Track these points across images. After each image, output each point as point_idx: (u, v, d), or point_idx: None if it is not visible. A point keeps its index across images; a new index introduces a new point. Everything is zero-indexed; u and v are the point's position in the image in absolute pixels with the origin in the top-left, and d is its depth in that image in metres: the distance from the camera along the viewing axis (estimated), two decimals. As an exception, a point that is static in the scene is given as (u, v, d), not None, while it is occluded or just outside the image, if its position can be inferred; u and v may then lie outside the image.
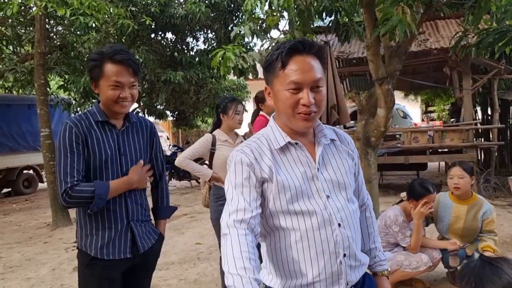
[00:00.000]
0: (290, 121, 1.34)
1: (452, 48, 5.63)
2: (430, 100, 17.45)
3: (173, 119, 11.98)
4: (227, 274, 1.16)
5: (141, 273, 2.10)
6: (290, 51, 1.30)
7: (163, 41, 8.98)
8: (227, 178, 1.35)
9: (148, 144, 2.09)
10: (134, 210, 1.99)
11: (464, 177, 3.42)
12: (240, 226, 1.23)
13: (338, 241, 1.34)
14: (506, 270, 1.31)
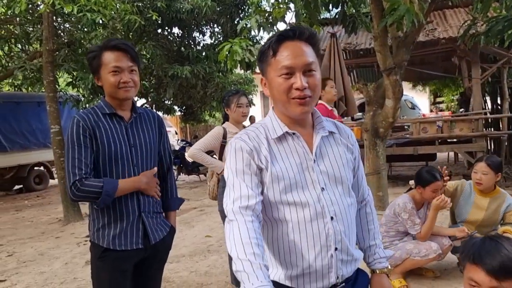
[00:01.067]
0: (286, 108, 1.33)
1: (460, 37, 5.60)
2: (439, 91, 17.31)
3: (181, 114, 12.03)
4: (235, 260, 1.16)
5: (152, 265, 2.12)
6: (281, 38, 1.31)
7: (170, 36, 9.00)
8: (227, 166, 1.34)
9: (157, 135, 2.11)
10: (146, 202, 2.01)
11: (487, 174, 3.41)
12: (246, 212, 1.23)
13: (330, 235, 1.33)
14: (506, 246, 1.34)
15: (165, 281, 3.94)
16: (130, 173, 1.96)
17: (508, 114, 8.87)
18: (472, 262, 1.37)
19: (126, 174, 1.95)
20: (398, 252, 3.39)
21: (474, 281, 1.36)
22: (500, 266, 1.30)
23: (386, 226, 3.52)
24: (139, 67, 2.03)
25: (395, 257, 3.39)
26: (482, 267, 1.33)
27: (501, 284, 1.31)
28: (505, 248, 1.34)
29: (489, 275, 1.32)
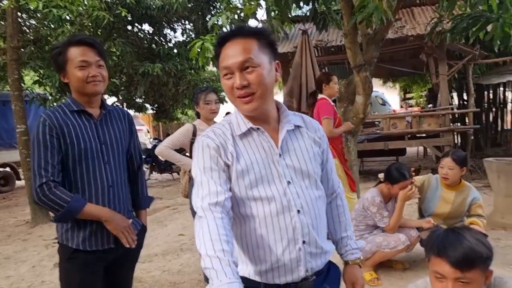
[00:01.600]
0: (236, 106, 1.37)
1: (427, 35, 5.72)
2: (408, 87, 17.70)
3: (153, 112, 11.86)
4: (204, 257, 1.15)
5: (124, 265, 2.08)
6: (221, 41, 1.33)
7: (140, 33, 8.83)
8: (195, 164, 1.34)
9: (127, 133, 2.07)
10: (117, 200, 1.97)
11: (453, 169, 3.50)
12: (215, 209, 1.23)
13: (297, 228, 1.32)
14: (468, 237, 1.38)
15: (137, 281, 3.88)
16: (102, 171, 1.91)
17: (473, 109, 9.17)
18: (436, 255, 1.40)
19: (97, 172, 1.90)
20: (368, 246, 3.45)
21: (439, 273, 1.39)
22: (463, 257, 1.34)
23: (356, 220, 3.58)
24: (106, 62, 1.99)
25: (365, 250, 3.45)
26: (446, 259, 1.36)
27: (464, 275, 1.34)
28: (467, 239, 1.38)
29: (453, 267, 1.35)
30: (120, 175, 2.00)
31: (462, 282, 1.36)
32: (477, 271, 1.36)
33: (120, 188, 1.99)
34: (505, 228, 4.59)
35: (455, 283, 1.36)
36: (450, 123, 8.79)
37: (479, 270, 1.36)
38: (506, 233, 4.46)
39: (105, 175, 1.92)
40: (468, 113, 9.26)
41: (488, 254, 1.38)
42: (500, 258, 3.75)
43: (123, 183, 2.02)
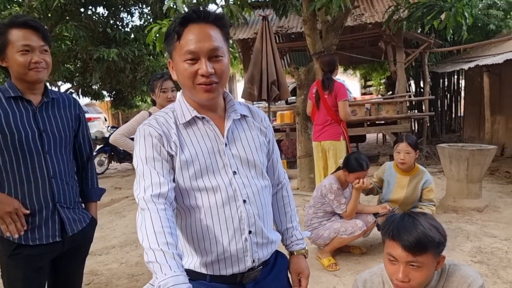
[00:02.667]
0: (192, 94, 1.29)
1: (385, 22, 5.81)
2: (368, 74, 18.03)
3: (111, 99, 11.48)
4: (147, 250, 1.11)
5: (72, 260, 1.99)
6: (184, 21, 1.24)
7: (95, 16, 8.43)
8: (136, 153, 1.28)
9: (73, 122, 1.95)
10: (61, 192, 1.86)
11: (410, 153, 3.60)
12: (158, 200, 1.19)
13: (243, 218, 1.31)
14: (422, 222, 1.42)
15: (92, 274, 3.77)
16: (41, 162, 1.79)
17: (429, 97, 9.45)
18: (391, 238, 1.42)
19: (36, 162, 1.78)
20: (327, 232, 3.48)
21: (393, 256, 1.42)
22: (416, 242, 1.37)
23: (314, 207, 3.60)
24: (50, 47, 1.86)
25: (323, 237, 3.49)
26: (399, 243, 1.39)
27: (416, 258, 1.37)
28: (421, 224, 1.41)
29: (405, 250, 1.38)
30: (64, 165, 1.89)
31: (413, 265, 1.39)
32: (428, 256, 1.39)
33: (64, 179, 1.88)
34: (456, 211, 4.77)
35: (407, 266, 1.39)
36: (408, 110, 9.04)
37: (431, 255, 1.39)
38: (457, 216, 4.63)
39: (45, 166, 1.80)
40: (424, 100, 9.53)
41: (440, 240, 1.41)
42: (451, 240, 3.89)
43: (67, 174, 1.90)
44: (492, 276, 3.11)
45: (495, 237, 3.92)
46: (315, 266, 3.51)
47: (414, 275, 1.39)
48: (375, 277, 1.60)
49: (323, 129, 4.72)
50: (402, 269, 1.39)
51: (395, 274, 1.41)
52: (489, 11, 9.61)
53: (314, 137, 4.87)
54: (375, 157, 8.87)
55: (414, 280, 1.39)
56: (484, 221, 4.42)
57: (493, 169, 7.00)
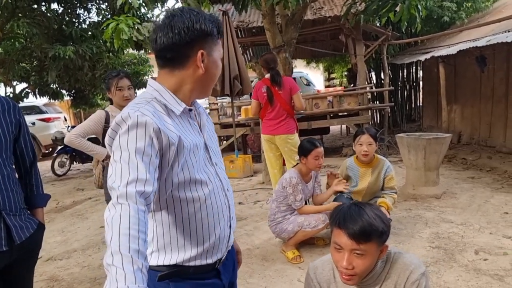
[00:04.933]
0: (210, 86, 1.38)
1: (343, 16, 5.88)
2: (330, 67, 18.29)
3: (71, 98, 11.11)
4: (114, 252, 1.00)
5: (21, 268, 1.90)
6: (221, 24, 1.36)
7: (49, 12, 8.11)
8: (122, 141, 1.16)
9: (13, 127, 1.86)
10: (6, 198, 1.77)
11: (372, 144, 3.66)
12: (140, 200, 1.09)
13: (230, 206, 1.43)
14: (368, 212, 1.48)
15: (53, 280, 3.66)
16: None
17: (388, 88, 9.69)
18: (337, 226, 1.47)
19: None
20: (290, 226, 3.52)
21: (338, 244, 1.47)
22: (360, 230, 1.42)
23: (276, 201, 3.62)
24: None
25: (287, 231, 3.52)
26: (345, 231, 1.44)
27: (360, 246, 1.42)
28: (366, 214, 1.46)
29: (350, 238, 1.43)
30: (6, 171, 1.79)
31: (357, 253, 1.44)
32: (372, 245, 1.44)
33: (8, 185, 1.79)
34: (415, 199, 4.93)
35: (351, 254, 1.44)
36: (369, 102, 9.23)
37: (374, 243, 1.44)
38: (417, 203, 4.79)
39: None
40: (384, 91, 9.76)
41: (384, 229, 1.46)
42: (411, 227, 4.02)
43: (11, 180, 1.81)
44: (449, 261, 3.24)
45: (451, 222, 4.08)
46: (280, 260, 3.55)
47: (357, 263, 1.44)
48: (326, 264, 1.65)
49: (279, 124, 4.79)
50: (346, 256, 1.44)
51: (340, 261, 1.46)
52: (443, 4, 9.92)
53: (267, 131, 4.87)
54: (339, 148, 9.04)
55: (358, 267, 1.44)
56: (442, 207, 4.59)
57: (451, 156, 7.28)
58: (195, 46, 1.27)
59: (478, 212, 4.31)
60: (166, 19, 1.28)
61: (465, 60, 7.92)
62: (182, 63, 1.29)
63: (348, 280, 1.47)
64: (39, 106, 12.35)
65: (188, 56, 1.28)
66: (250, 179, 7.14)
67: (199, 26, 1.26)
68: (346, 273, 1.45)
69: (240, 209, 5.23)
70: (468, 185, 5.40)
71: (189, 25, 1.25)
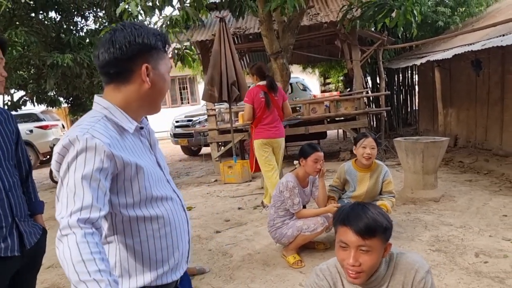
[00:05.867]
0: (158, 102, 1.36)
1: (339, 21, 5.95)
2: (326, 72, 18.37)
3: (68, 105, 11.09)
4: (76, 283, 0.99)
5: (27, 273, 1.94)
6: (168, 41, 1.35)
7: (46, 21, 8.13)
8: (70, 167, 1.13)
9: (13, 135, 1.90)
10: (17, 206, 1.81)
11: (374, 148, 3.68)
12: (85, 225, 1.06)
13: (188, 220, 1.44)
14: (371, 209, 1.52)
15: (54, 287, 3.66)
16: None
17: (385, 93, 9.75)
18: (342, 224, 1.50)
19: None
20: (290, 231, 3.53)
21: (344, 242, 1.49)
22: (366, 226, 1.45)
23: (274, 207, 3.64)
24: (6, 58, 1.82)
25: (287, 236, 3.54)
26: (350, 228, 1.47)
27: (365, 242, 1.45)
28: (370, 211, 1.51)
29: (356, 234, 1.46)
30: (15, 178, 1.85)
31: (363, 250, 1.46)
32: (377, 240, 1.47)
33: (18, 192, 1.84)
34: (414, 202, 4.96)
35: (357, 251, 1.47)
36: (365, 106, 9.29)
37: (379, 239, 1.47)
38: (416, 207, 4.82)
39: (0, 180, 1.75)
40: (380, 96, 9.82)
41: (387, 225, 1.50)
42: (411, 230, 4.05)
43: (18, 187, 1.86)
44: (449, 264, 3.26)
45: (451, 225, 4.10)
46: (281, 264, 3.56)
47: (364, 259, 1.46)
48: (331, 267, 1.66)
49: (276, 127, 5.05)
50: (353, 253, 1.46)
51: (346, 259, 1.48)
52: (437, 9, 10.01)
53: (266, 135, 5.03)
54: (336, 152, 9.07)
55: (365, 263, 1.46)
56: (441, 210, 4.62)
57: (448, 160, 7.32)
58: (138, 60, 1.26)
59: (477, 215, 4.34)
60: (108, 34, 1.26)
61: (460, 64, 7.99)
62: (126, 77, 1.27)
63: (355, 278, 1.49)
64: (36, 113, 12.35)
65: (132, 71, 1.26)
66: (248, 184, 7.16)
67: (141, 40, 1.25)
68: (353, 270, 1.47)
69: (240, 215, 5.24)
70: (466, 188, 5.43)
71: (130, 39, 1.23)
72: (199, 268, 3.54)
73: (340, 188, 3.99)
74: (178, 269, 1.39)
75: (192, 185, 7.59)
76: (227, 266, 3.66)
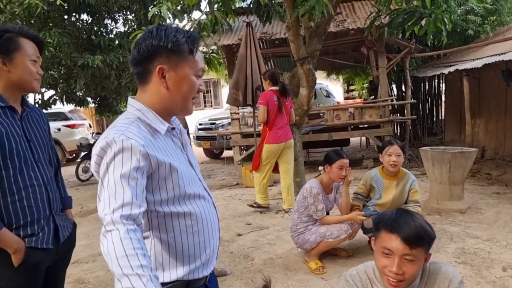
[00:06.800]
0: (185, 105, 1.35)
1: (367, 28, 5.90)
2: (351, 79, 18.24)
3: (95, 105, 11.35)
4: (120, 277, 1.03)
5: (59, 267, 2.00)
6: (196, 41, 1.34)
7: (78, 23, 8.33)
8: (108, 168, 1.18)
9: (47, 133, 1.97)
10: (54, 200, 1.88)
11: (400, 155, 3.65)
12: (127, 221, 1.10)
13: (218, 217, 1.49)
14: (418, 217, 1.50)
15: (79, 282, 3.74)
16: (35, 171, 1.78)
17: (411, 101, 9.62)
18: (388, 230, 1.46)
19: (31, 171, 1.76)
20: (313, 236, 3.52)
21: (388, 249, 1.45)
22: (415, 234, 1.42)
23: (298, 212, 3.63)
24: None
25: (310, 241, 3.53)
26: (398, 235, 1.43)
27: (411, 251, 1.41)
28: (418, 219, 1.48)
29: (403, 242, 1.42)
30: (51, 173, 1.92)
31: (407, 259, 1.43)
32: (422, 250, 1.44)
33: (54, 186, 1.91)
34: (439, 213, 4.87)
35: (401, 259, 1.43)
36: (390, 114, 9.18)
37: (423, 249, 1.45)
38: (441, 218, 4.73)
39: (39, 174, 1.81)
40: (406, 104, 9.69)
41: (433, 236, 1.48)
42: (436, 241, 3.94)
43: (53, 182, 1.93)
44: (475, 277, 3.19)
45: (477, 238, 4.02)
46: (303, 270, 3.56)
47: (407, 268, 1.43)
48: (361, 273, 1.64)
49: (286, 131, 5.41)
50: (397, 261, 1.42)
51: (389, 266, 1.44)
52: (467, 17, 9.84)
53: (279, 140, 5.34)
54: (359, 160, 8.98)
55: (408, 273, 1.43)
56: (467, 222, 4.52)
57: (475, 171, 7.17)
58: (154, 61, 1.28)
59: (505, 228, 4.23)
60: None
61: (490, 74, 7.82)
62: (146, 78, 1.32)
63: (396, 287, 1.46)
64: (64, 112, 12.67)
65: (149, 71, 1.30)
66: (270, 188, 7.15)
67: (157, 41, 1.27)
68: (396, 278, 1.44)
69: (262, 218, 5.25)
70: (494, 201, 5.30)
71: (147, 40, 1.28)
72: (220, 270, 3.57)
73: (364, 196, 3.94)
74: (209, 265, 1.42)
75: (214, 187, 7.64)
76: (248, 269, 3.68)
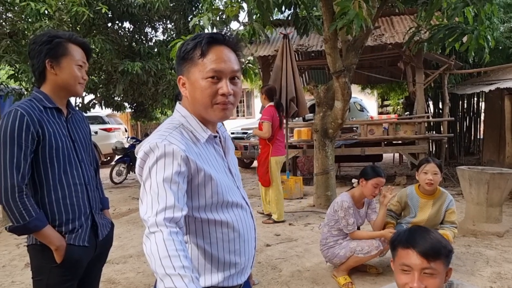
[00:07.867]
0: (207, 112, 1.32)
1: (405, 43, 5.85)
2: (386, 94, 17.98)
3: (131, 111, 11.67)
4: (162, 277, 1.05)
5: (96, 265, 2.06)
6: (211, 40, 1.29)
7: (121, 30, 8.65)
8: (151, 172, 1.20)
9: (88, 135, 2.07)
10: (93, 199, 1.96)
11: (437, 173, 3.55)
12: (170, 224, 1.13)
13: (253, 227, 1.48)
14: (434, 232, 1.50)
15: (110, 282, 3.83)
16: (78, 170, 1.88)
17: (448, 118, 9.38)
18: (405, 246, 1.47)
19: (74, 170, 1.86)
20: (342, 251, 3.48)
21: (406, 265, 1.45)
22: (431, 247, 1.42)
23: (328, 225, 3.60)
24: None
25: (339, 256, 3.49)
26: (414, 249, 1.43)
27: (430, 265, 1.41)
28: (433, 233, 1.49)
29: (420, 256, 1.42)
30: (92, 173, 2.01)
31: (426, 273, 1.41)
32: (441, 264, 1.43)
33: (94, 186, 2.00)
34: (475, 235, 4.71)
35: (421, 274, 1.42)
36: (426, 131, 8.99)
37: (442, 262, 1.43)
38: (477, 240, 4.58)
39: (82, 174, 1.91)
40: (443, 121, 9.47)
41: (450, 248, 1.47)
42: (470, 264, 3.85)
43: (93, 182, 2.02)
44: (511, 302, 3.07)
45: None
46: (331, 284, 3.52)
47: (429, 283, 1.41)
48: None
49: (283, 146, 5.78)
50: (417, 276, 1.41)
51: (410, 283, 1.43)
52: (510, 35, 9.56)
53: (283, 152, 5.75)
54: (391, 177, 8.81)
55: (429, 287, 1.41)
56: (504, 246, 4.35)
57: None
58: (179, 72, 1.34)
59: (545, 255, 4.05)
60: None
61: (534, 94, 7.54)
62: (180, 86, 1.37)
63: None
64: (102, 116, 13.10)
65: (180, 79, 1.35)
66: (300, 201, 7.12)
67: (178, 53, 1.33)
68: None
69: (291, 230, 5.23)
70: (534, 225, 5.08)
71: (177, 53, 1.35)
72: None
73: (397, 213, 3.85)
74: (243, 273, 1.43)
75: (244, 196, 7.66)
76: (276, 280, 3.67)
